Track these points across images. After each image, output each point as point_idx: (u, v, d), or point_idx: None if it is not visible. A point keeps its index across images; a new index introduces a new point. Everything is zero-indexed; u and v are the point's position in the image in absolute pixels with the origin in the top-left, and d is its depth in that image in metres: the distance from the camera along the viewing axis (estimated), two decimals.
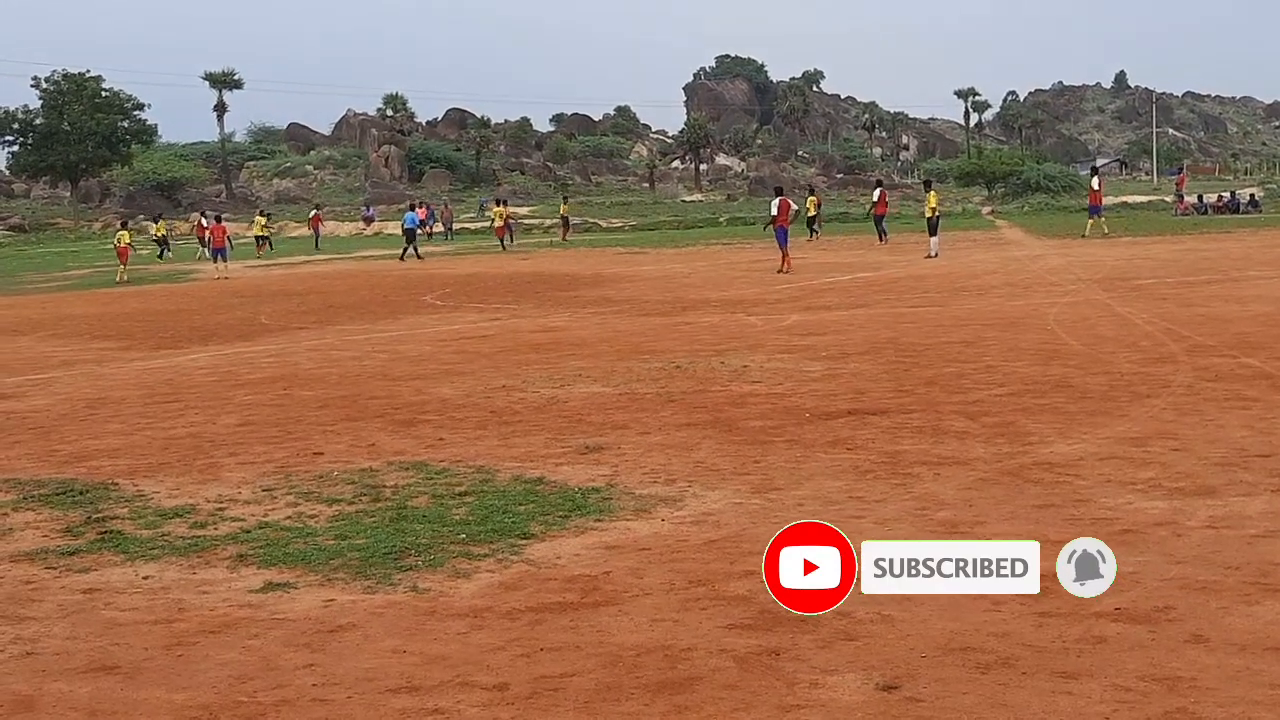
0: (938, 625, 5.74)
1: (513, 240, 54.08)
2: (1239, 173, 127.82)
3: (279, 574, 7.02)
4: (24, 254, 60.33)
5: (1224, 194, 63.57)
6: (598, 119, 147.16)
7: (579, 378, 14.15)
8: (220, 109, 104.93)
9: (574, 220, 65.72)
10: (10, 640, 6.16)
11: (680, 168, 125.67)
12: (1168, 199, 67.71)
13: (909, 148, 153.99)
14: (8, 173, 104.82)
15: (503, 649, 5.70)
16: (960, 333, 16.87)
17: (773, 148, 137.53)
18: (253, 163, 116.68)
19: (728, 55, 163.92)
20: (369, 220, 78.30)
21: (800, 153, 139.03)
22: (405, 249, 46.17)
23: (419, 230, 48.67)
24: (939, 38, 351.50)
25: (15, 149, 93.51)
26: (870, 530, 7.27)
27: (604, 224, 72.22)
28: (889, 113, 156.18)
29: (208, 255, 47.66)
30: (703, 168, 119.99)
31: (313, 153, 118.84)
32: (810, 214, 48.98)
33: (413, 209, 51.12)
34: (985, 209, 72.86)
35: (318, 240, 60.80)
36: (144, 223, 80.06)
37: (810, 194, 53.59)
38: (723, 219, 69.99)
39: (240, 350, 18.78)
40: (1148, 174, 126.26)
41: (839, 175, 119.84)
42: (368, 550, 7.36)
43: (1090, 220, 42.50)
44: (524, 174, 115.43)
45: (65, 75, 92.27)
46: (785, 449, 9.88)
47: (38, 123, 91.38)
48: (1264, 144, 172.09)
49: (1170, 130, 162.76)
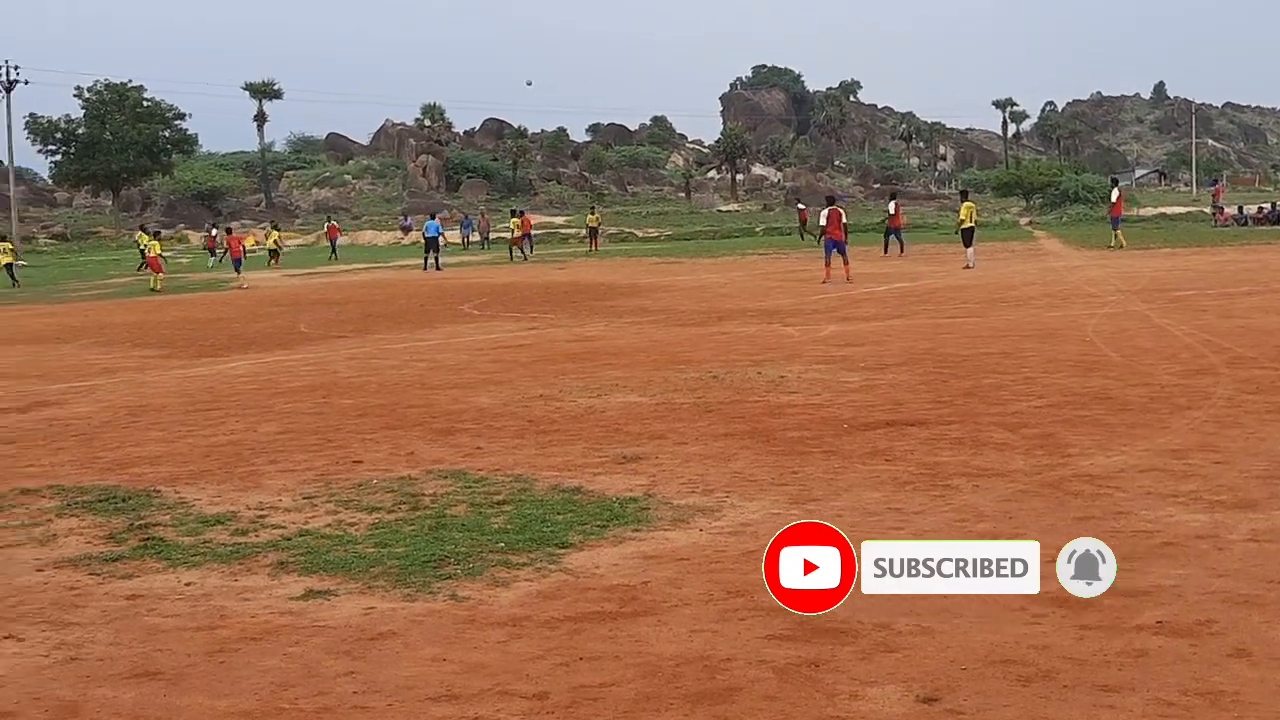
0: (978, 637, 5.72)
1: (532, 250, 54.12)
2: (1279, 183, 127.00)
3: (319, 581, 7.06)
4: (66, 262, 60.81)
5: (1264, 205, 63.10)
6: (634, 129, 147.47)
7: (616, 387, 14.16)
8: (260, 119, 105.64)
9: (606, 230, 65.71)
10: (55, 646, 6.21)
11: (716, 177, 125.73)
12: (1207, 210, 67.28)
13: (946, 158, 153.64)
14: (51, 181, 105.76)
15: (542, 658, 5.71)
16: (999, 344, 16.81)
17: (809, 158, 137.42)
18: (292, 172, 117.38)
19: (764, 65, 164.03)
20: (406, 230, 78.57)
21: (837, 162, 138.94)
22: (427, 258, 46.31)
23: (446, 239, 48.75)
24: (977, 48, 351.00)
25: (58, 158, 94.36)
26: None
27: (640, 233, 72.26)
28: (926, 123, 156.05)
29: (215, 265, 48.19)
30: (739, 177, 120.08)
31: (351, 162, 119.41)
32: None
33: (433, 217, 51.37)
34: (1023, 220, 72.58)
35: (334, 250, 60.63)
36: (185, 231, 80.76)
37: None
38: (759, 229, 69.98)
39: (280, 358, 18.88)
40: (1187, 185, 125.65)
41: (876, 185, 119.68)
42: (407, 558, 7.39)
43: (1115, 231, 42.30)
44: (560, 184, 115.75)
45: (108, 85, 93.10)
46: (823, 460, 9.87)
47: (80, 132, 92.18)
48: None
49: (1210, 141, 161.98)
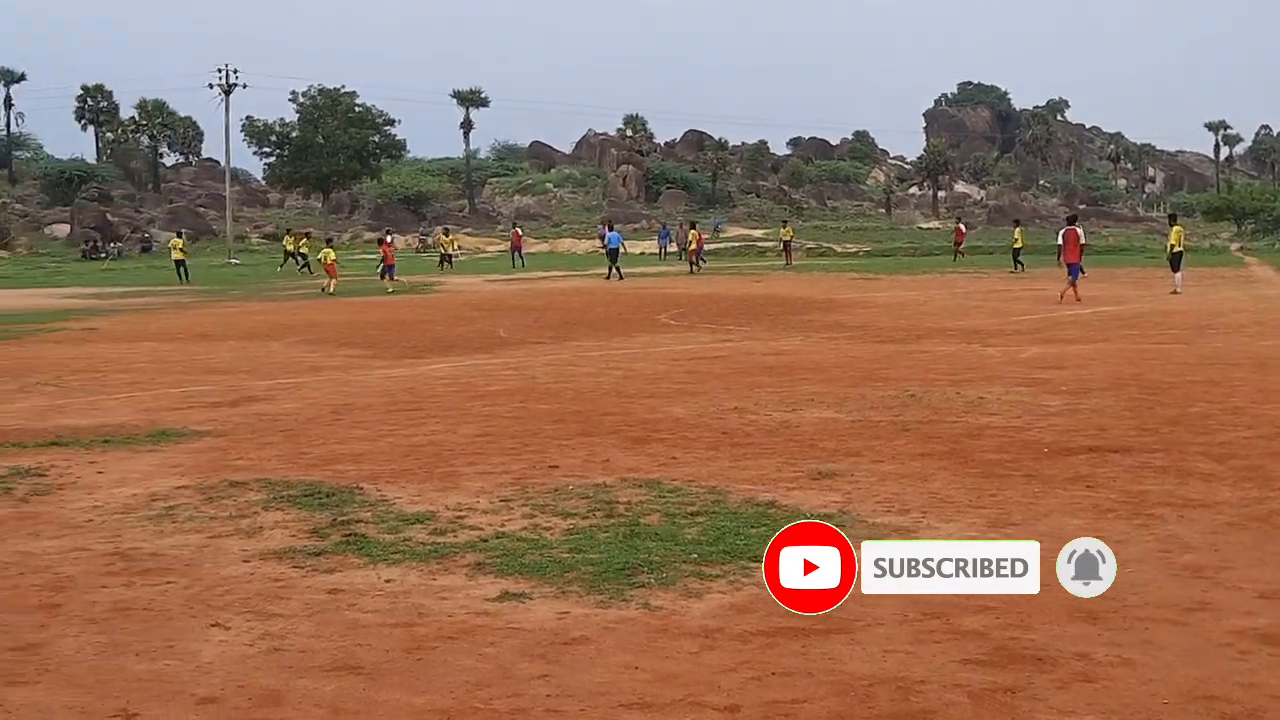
0: (1181, 672, 5.57)
1: (703, 263, 53.89)
2: None
3: (515, 584, 7.16)
4: (277, 261, 62.58)
5: None
6: (835, 143, 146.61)
7: (811, 402, 14.09)
8: (466, 126, 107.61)
9: (803, 244, 65.36)
10: (259, 635, 6.40)
11: (918, 194, 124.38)
12: None
13: (1155, 180, 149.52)
14: (264, 183, 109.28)
15: (734, 671, 5.71)
16: (1206, 371, 16.32)
17: (1013, 176, 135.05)
18: (495, 179, 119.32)
19: (970, 82, 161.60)
20: (603, 238, 79.19)
21: (1041, 182, 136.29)
22: (611, 268, 46.60)
23: (626, 249, 49.01)
24: (1189, 69, 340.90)
25: (272, 160, 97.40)
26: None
27: (838, 249, 71.84)
28: (1135, 144, 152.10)
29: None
30: (941, 195, 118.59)
31: (553, 171, 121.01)
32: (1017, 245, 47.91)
33: (611, 228, 51.56)
34: (1233, 245, 70.41)
35: (514, 258, 60.54)
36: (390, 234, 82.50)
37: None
38: (961, 247, 68.90)
39: (479, 362, 19.20)
40: None
41: (1081, 206, 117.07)
42: (601, 565, 7.45)
43: None
44: (759, 196, 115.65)
45: (321, 90, 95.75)
46: (1022, 484, 9.69)
47: (294, 135, 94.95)
48: None
49: None
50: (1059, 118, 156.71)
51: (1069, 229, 32.22)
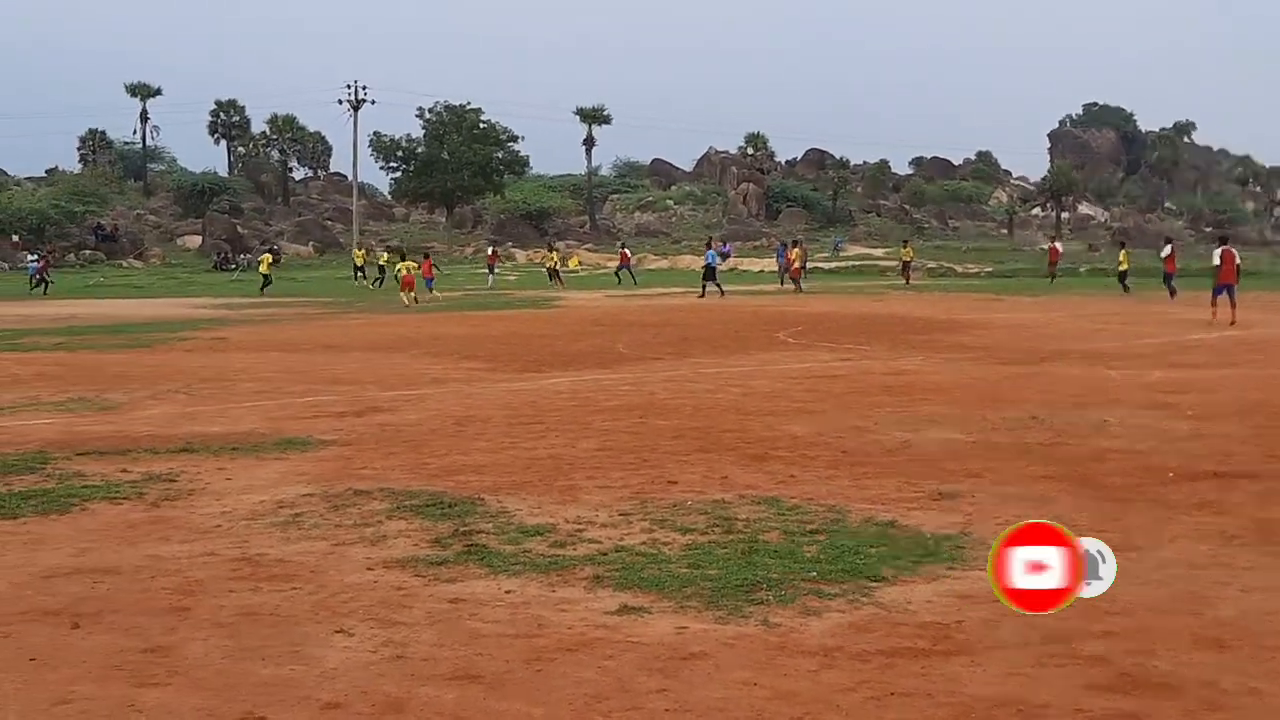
0: None
1: (798, 283, 53.06)
2: None
3: (634, 598, 7.20)
4: (370, 276, 63.30)
5: None
6: (957, 163, 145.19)
7: (932, 423, 13.99)
8: (589, 143, 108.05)
9: (924, 264, 64.67)
10: (382, 643, 6.50)
11: (1041, 215, 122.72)
12: None
13: None
14: (390, 197, 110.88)
15: (853, 690, 5.70)
16: None
17: (1138, 198, 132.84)
18: (616, 196, 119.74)
19: (1095, 103, 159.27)
20: (725, 256, 79.19)
21: (1167, 204, 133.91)
22: (705, 285, 46.43)
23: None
24: None
25: (398, 175, 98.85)
26: (1234, 599, 7.02)
27: (959, 269, 71.16)
28: (1264, 167, 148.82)
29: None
30: (1064, 216, 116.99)
31: (674, 188, 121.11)
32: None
33: (709, 246, 51.39)
34: None
35: (619, 273, 60.37)
36: (512, 249, 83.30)
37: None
38: (1083, 269, 67.89)
39: (598, 377, 19.30)
40: None
41: (1207, 229, 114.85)
42: (719, 581, 7.47)
43: None
44: (880, 216, 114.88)
45: (447, 107, 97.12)
46: (1146, 509, 9.55)
47: (419, 151, 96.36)
48: None
49: None
50: (1186, 139, 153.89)
51: (1226, 249, 31.55)
